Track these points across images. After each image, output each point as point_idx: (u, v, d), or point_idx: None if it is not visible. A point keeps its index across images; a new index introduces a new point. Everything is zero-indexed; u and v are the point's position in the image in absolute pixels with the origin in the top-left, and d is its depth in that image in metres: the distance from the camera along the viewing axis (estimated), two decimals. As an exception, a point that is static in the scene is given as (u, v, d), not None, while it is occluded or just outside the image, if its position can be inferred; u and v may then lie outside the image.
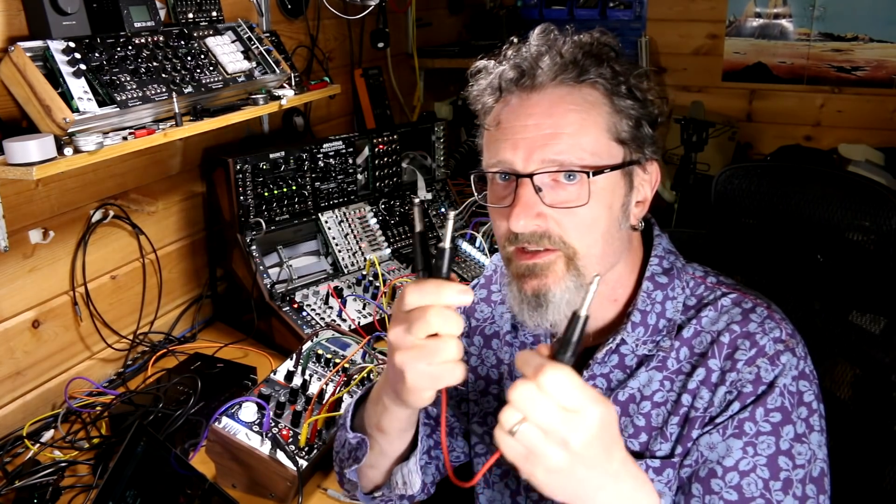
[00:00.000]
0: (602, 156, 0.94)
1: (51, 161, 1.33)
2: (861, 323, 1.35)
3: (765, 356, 0.94)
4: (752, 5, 3.21)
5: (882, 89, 3.09)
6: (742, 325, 0.97)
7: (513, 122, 0.95)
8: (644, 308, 1.01)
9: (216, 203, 1.94)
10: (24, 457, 1.45)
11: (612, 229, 0.97)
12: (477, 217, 2.30)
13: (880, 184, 1.39)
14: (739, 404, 0.93)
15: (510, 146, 0.94)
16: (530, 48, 0.97)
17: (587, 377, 1.03)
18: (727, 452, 0.92)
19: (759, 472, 0.91)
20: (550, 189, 0.94)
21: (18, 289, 1.53)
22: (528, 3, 3.55)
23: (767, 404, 0.92)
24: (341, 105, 2.58)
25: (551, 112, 0.93)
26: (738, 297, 1.01)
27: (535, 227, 0.93)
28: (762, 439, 0.92)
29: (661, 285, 1.02)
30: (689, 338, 0.99)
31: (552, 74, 0.94)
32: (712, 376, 0.96)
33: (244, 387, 1.64)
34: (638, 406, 1.00)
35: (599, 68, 0.94)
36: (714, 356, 0.96)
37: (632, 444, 1.00)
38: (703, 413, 0.95)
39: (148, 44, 1.59)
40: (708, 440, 0.94)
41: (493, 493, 1.17)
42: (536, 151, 0.93)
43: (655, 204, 1.04)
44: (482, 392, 1.19)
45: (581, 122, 0.93)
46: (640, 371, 1.00)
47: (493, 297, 1.22)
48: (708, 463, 0.93)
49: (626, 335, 1.00)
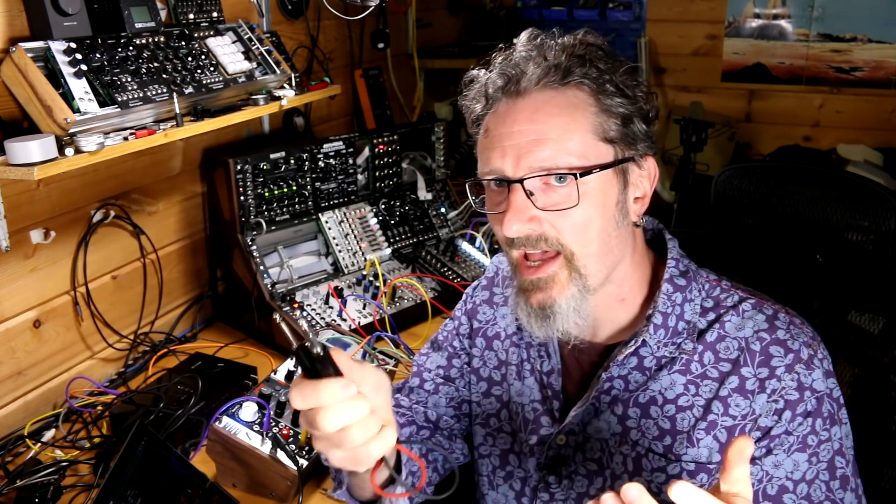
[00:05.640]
0: (589, 156, 0.94)
1: (52, 161, 1.33)
2: (860, 323, 1.35)
3: (801, 362, 0.95)
4: (752, 6, 3.22)
5: (881, 90, 3.09)
6: (770, 332, 0.98)
7: (500, 130, 0.96)
8: (665, 310, 1.01)
9: (217, 203, 1.94)
10: (26, 456, 1.46)
11: (608, 228, 0.97)
12: (477, 217, 2.31)
13: (879, 184, 1.40)
14: (791, 412, 0.94)
15: (499, 154, 0.96)
16: (517, 54, 0.98)
17: (605, 378, 1.03)
18: (795, 467, 0.95)
19: (822, 476, 0.95)
20: (542, 192, 0.94)
21: (19, 289, 1.53)
22: (527, 4, 3.55)
23: (823, 413, 0.95)
24: (341, 105, 2.58)
25: (533, 118, 0.94)
26: (757, 301, 1.02)
27: (530, 230, 0.94)
28: (823, 447, 0.95)
29: (680, 287, 1.03)
30: (713, 342, 1.00)
31: (536, 79, 0.95)
32: (747, 384, 0.96)
33: (245, 386, 1.64)
34: (661, 409, 1.00)
35: (584, 68, 0.95)
36: (747, 364, 0.97)
37: (655, 447, 1.00)
38: (742, 420, 0.96)
39: (149, 44, 1.60)
40: (773, 460, 0.95)
41: (497, 495, 1.17)
42: (523, 158, 0.94)
43: (655, 204, 1.05)
44: (484, 393, 1.19)
45: (565, 126, 0.94)
46: (661, 374, 1.01)
47: (496, 299, 1.22)
48: (776, 480, 0.95)
49: (648, 336, 1.00)
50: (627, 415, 1.02)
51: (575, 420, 1.05)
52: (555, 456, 1.08)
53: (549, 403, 1.10)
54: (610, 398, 1.03)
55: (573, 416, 1.05)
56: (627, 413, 1.02)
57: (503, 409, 1.17)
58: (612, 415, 1.03)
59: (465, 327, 1.24)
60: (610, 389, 1.03)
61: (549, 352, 1.11)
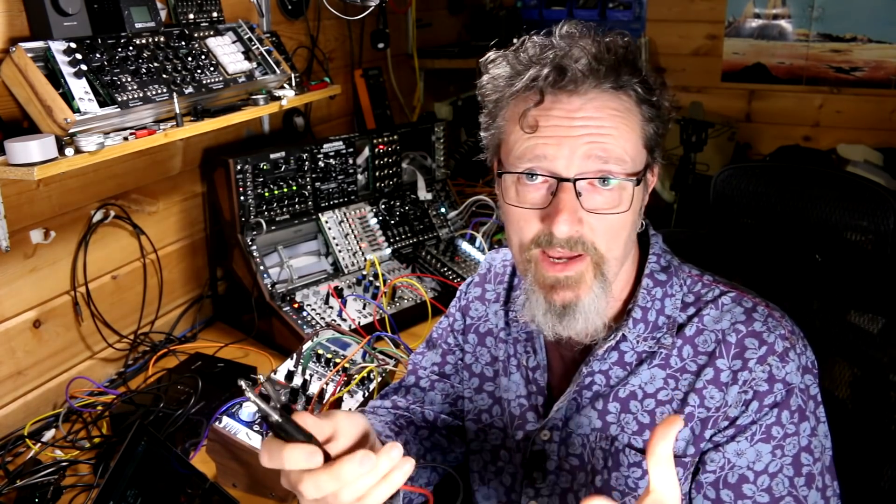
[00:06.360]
0: (637, 162, 0.95)
1: (52, 161, 1.33)
2: (859, 323, 1.35)
3: (774, 354, 0.95)
4: (751, 6, 3.22)
5: (881, 90, 3.09)
6: (747, 324, 0.98)
7: (553, 122, 0.93)
8: (644, 305, 1.02)
9: (217, 203, 1.94)
10: (26, 456, 1.46)
11: (632, 233, 0.99)
12: (477, 217, 2.31)
13: (879, 184, 1.40)
14: (758, 403, 0.94)
15: (553, 144, 0.92)
16: (562, 48, 0.94)
17: (586, 373, 1.03)
18: (757, 458, 0.94)
19: (786, 471, 0.94)
20: (588, 193, 0.94)
21: (19, 289, 1.53)
22: (527, 4, 3.55)
23: (791, 406, 0.94)
24: (341, 105, 2.59)
25: (596, 115, 0.92)
26: (737, 295, 1.02)
27: (574, 231, 0.93)
28: (789, 441, 0.94)
29: (661, 282, 1.03)
30: (691, 336, 1.00)
31: (594, 80, 0.92)
32: (721, 375, 0.96)
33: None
34: (641, 404, 1.01)
35: (633, 77, 0.94)
36: (722, 356, 0.97)
37: (635, 441, 1.00)
38: (715, 412, 0.96)
39: (149, 44, 1.60)
40: (735, 447, 0.95)
41: (488, 490, 1.17)
42: (581, 149, 0.91)
43: (655, 204, 1.05)
44: (476, 389, 1.20)
45: (623, 127, 0.93)
46: (641, 368, 1.01)
47: (488, 296, 1.22)
48: (737, 469, 0.94)
49: (628, 331, 1.01)
50: (608, 410, 1.02)
51: (558, 415, 1.06)
52: (539, 451, 1.08)
53: (534, 399, 1.10)
54: (591, 393, 1.03)
55: (556, 411, 1.06)
56: (608, 408, 1.02)
57: (494, 404, 1.17)
58: (593, 409, 1.03)
59: (459, 323, 1.25)
60: (591, 384, 1.03)
61: (535, 347, 1.11)
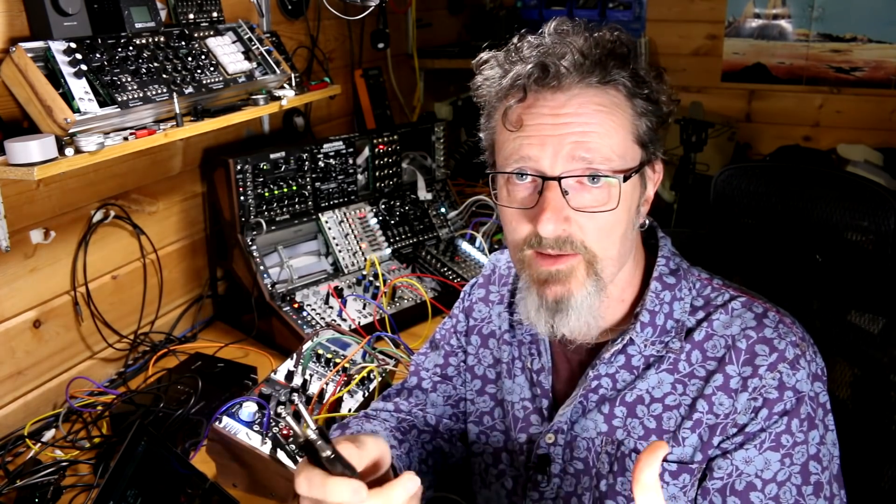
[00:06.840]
0: (627, 158, 0.93)
1: (52, 161, 1.33)
2: (860, 323, 1.35)
3: (785, 361, 0.94)
4: (751, 6, 3.22)
5: (881, 90, 3.09)
6: (757, 330, 0.96)
7: (538, 121, 0.92)
8: (653, 308, 1.01)
9: (217, 203, 1.94)
10: (26, 456, 1.46)
11: (627, 231, 0.97)
12: (477, 217, 2.31)
13: (879, 184, 1.40)
14: (768, 411, 0.93)
15: (537, 144, 0.92)
16: (549, 46, 0.94)
17: (593, 377, 1.02)
18: (765, 465, 0.93)
19: (794, 479, 0.93)
20: (576, 192, 0.92)
21: (19, 289, 1.53)
22: (527, 4, 3.55)
23: (801, 414, 0.93)
24: (341, 105, 2.59)
25: (580, 112, 0.91)
26: (748, 300, 1.01)
27: (562, 231, 0.92)
28: (798, 449, 0.93)
29: (669, 286, 1.02)
30: (700, 341, 0.99)
31: (578, 75, 0.91)
32: (731, 382, 0.95)
33: (245, 386, 1.64)
34: (648, 408, 1.00)
35: (622, 70, 0.93)
36: (732, 362, 0.96)
37: (641, 446, 0.99)
38: (724, 419, 0.95)
39: (149, 44, 1.60)
40: (744, 455, 0.94)
41: (489, 493, 1.17)
42: (563, 153, 0.90)
43: (655, 204, 1.05)
44: (478, 391, 1.19)
45: (609, 123, 0.92)
46: (648, 372, 1.00)
47: (491, 297, 1.22)
48: (745, 476, 0.94)
49: (635, 335, 1.00)
50: (614, 414, 1.01)
51: (563, 419, 1.05)
52: (543, 455, 1.08)
53: (539, 402, 1.10)
54: (597, 397, 1.02)
55: (561, 414, 1.05)
56: (614, 412, 1.01)
57: (497, 407, 1.16)
58: (599, 413, 1.02)
59: (463, 325, 1.24)
60: (597, 388, 1.03)
61: (539, 350, 1.10)
